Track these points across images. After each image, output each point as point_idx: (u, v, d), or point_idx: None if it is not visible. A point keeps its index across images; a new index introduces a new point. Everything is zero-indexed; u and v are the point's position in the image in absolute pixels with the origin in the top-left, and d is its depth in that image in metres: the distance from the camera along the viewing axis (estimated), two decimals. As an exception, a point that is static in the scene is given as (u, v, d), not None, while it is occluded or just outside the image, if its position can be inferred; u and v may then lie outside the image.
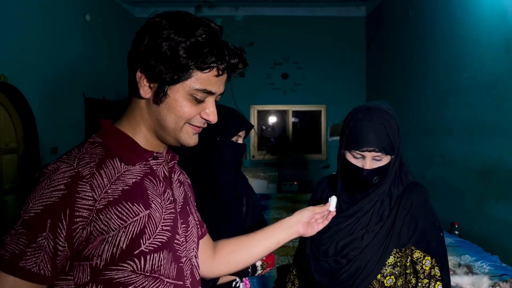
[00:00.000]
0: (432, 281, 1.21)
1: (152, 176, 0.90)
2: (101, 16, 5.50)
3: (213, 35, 0.86)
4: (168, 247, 0.88)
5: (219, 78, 0.88)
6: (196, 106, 0.88)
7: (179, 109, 0.87)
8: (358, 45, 7.02)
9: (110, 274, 0.80)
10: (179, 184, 1.01)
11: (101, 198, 0.80)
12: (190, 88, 0.86)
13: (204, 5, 6.64)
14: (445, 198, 4.03)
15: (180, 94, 0.86)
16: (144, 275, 0.83)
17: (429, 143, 4.49)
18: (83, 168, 0.80)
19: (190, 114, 0.88)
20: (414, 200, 1.25)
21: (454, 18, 4.01)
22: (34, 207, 0.77)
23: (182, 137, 0.90)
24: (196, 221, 1.05)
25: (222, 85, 0.90)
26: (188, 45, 0.83)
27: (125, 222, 0.81)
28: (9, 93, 3.69)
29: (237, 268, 1.18)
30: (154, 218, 0.86)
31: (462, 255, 2.81)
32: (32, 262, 0.75)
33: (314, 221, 1.20)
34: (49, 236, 0.76)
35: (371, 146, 1.21)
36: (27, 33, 3.80)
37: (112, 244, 0.80)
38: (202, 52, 0.83)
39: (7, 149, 3.76)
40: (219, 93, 0.91)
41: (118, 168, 0.85)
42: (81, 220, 0.78)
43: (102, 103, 5.41)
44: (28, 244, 0.75)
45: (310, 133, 7.29)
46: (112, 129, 0.91)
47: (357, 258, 1.23)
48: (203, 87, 0.86)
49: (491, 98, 3.34)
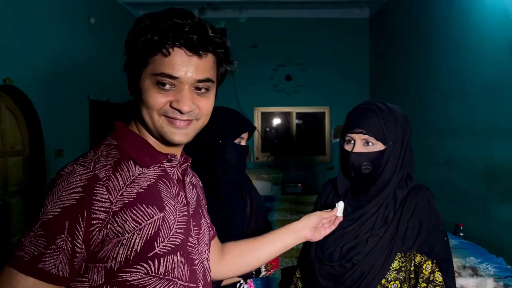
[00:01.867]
0: (430, 286, 1.18)
1: (166, 179, 0.90)
2: (105, 19, 5.53)
3: (161, 17, 0.82)
4: (181, 249, 0.88)
5: (179, 60, 0.82)
6: (162, 94, 0.84)
7: (146, 99, 0.84)
8: (362, 47, 7.01)
9: (125, 276, 0.81)
10: (192, 187, 1.02)
11: (117, 200, 0.80)
12: (150, 74, 0.83)
13: (208, 8, 6.66)
14: (450, 200, 4.01)
15: (146, 84, 0.84)
16: (158, 277, 0.84)
17: (434, 145, 4.48)
18: (99, 170, 0.81)
19: (157, 103, 0.84)
20: (418, 203, 1.24)
21: (457, 19, 4.00)
22: (53, 209, 0.77)
23: (163, 132, 0.87)
24: (208, 223, 1.05)
25: (188, 68, 0.83)
26: (137, 32, 0.83)
27: (140, 225, 0.82)
28: (15, 96, 3.71)
29: (244, 271, 1.19)
30: (168, 220, 0.86)
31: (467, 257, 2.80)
32: (51, 264, 0.76)
33: (321, 226, 1.20)
34: (67, 238, 0.77)
35: (359, 128, 1.24)
36: (32, 36, 3.82)
37: (126, 247, 0.80)
38: (147, 35, 0.82)
39: (12, 152, 3.78)
40: (186, 78, 0.83)
41: (133, 170, 0.85)
42: (98, 222, 0.78)
43: (107, 106, 5.44)
44: (47, 246, 0.76)
45: (314, 134, 7.29)
46: (126, 131, 0.91)
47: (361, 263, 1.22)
48: (160, 71, 0.82)
49: (496, 99, 3.33)
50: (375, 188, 1.28)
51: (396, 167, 1.27)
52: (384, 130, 1.24)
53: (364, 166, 1.25)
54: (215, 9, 6.70)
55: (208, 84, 0.87)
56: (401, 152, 1.27)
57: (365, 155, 1.25)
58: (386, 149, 1.25)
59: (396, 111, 1.29)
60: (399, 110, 1.30)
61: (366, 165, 1.25)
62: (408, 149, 1.29)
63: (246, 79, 6.87)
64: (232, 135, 1.45)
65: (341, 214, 1.20)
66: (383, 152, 1.25)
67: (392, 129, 1.25)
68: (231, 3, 6.46)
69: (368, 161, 1.25)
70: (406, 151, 1.28)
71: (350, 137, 1.28)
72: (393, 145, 1.26)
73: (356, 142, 1.26)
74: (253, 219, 1.58)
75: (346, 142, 1.30)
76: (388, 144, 1.25)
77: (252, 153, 7.07)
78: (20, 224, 3.83)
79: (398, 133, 1.26)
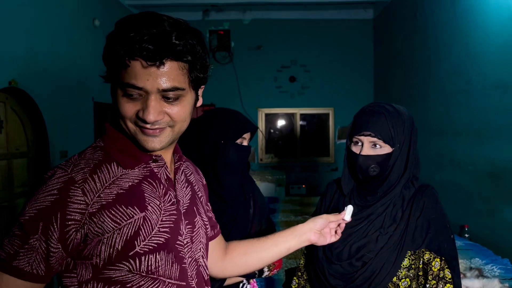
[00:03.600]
0: (441, 283, 1.20)
1: (151, 179, 0.91)
2: (110, 21, 5.54)
3: (127, 26, 0.81)
4: (166, 248, 0.89)
5: (139, 70, 0.80)
6: (131, 103, 0.84)
7: (118, 107, 0.86)
8: (366, 48, 7.00)
9: (109, 273, 0.84)
10: (186, 185, 1.02)
11: (93, 202, 0.83)
12: (118, 84, 0.84)
13: (212, 9, 6.67)
14: (455, 201, 3.99)
15: (117, 93, 0.85)
16: (140, 275, 0.85)
17: (438, 146, 4.46)
18: (76, 173, 0.84)
19: (126, 112, 0.84)
20: (426, 201, 1.26)
21: (462, 20, 3.99)
22: (29, 211, 0.81)
23: (138, 139, 0.87)
24: (204, 221, 1.05)
25: (149, 78, 0.80)
26: (107, 43, 0.85)
27: (119, 225, 0.84)
28: (20, 97, 3.74)
29: (246, 271, 1.20)
30: (150, 220, 0.87)
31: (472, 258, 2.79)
32: (25, 262, 0.80)
33: (328, 231, 1.20)
34: (41, 238, 0.80)
35: (368, 130, 1.25)
36: (37, 38, 3.85)
37: (108, 245, 0.83)
38: (112, 46, 0.83)
39: (17, 153, 3.81)
40: (150, 88, 0.81)
41: (115, 172, 0.87)
42: (74, 223, 0.81)
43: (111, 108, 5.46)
44: (21, 245, 0.80)
45: (318, 136, 7.28)
46: (112, 133, 0.93)
47: (372, 261, 1.23)
48: (125, 81, 0.82)
49: (500, 100, 3.31)
50: (382, 189, 1.29)
51: (403, 169, 1.28)
52: (392, 133, 1.25)
53: (372, 169, 1.26)
54: (219, 10, 6.71)
55: (176, 93, 0.84)
56: (408, 155, 1.28)
57: (373, 158, 1.26)
58: (393, 151, 1.26)
59: (404, 114, 1.29)
60: (406, 112, 1.31)
61: (374, 168, 1.26)
62: (414, 151, 1.30)
63: (250, 81, 6.88)
64: (234, 136, 1.45)
65: (349, 219, 1.19)
66: (390, 155, 1.26)
67: (399, 132, 1.26)
68: (235, 4, 6.47)
69: (376, 163, 1.26)
70: (412, 153, 1.29)
71: (358, 139, 1.28)
72: (400, 147, 1.27)
73: (364, 144, 1.27)
74: (256, 219, 1.58)
75: (354, 143, 1.30)
76: (395, 147, 1.26)
77: (256, 154, 7.07)
78: (25, 225, 3.85)
79: (405, 136, 1.27)
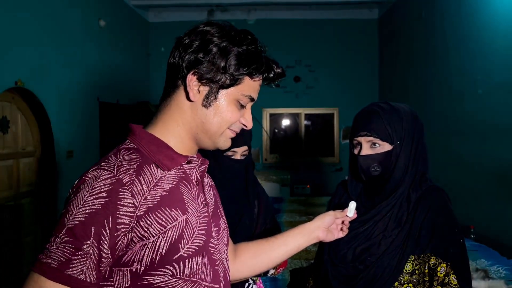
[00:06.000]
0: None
1: (186, 181, 0.91)
2: (115, 21, 5.58)
3: (259, 46, 0.93)
4: (204, 250, 0.89)
5: (258, 87, 0.95)
6: (239, 111, 0.93)
7: (226, 113, 0.91)
8: (371, 48, 6.98)
9: (150, 279, 0.82)
10: (209, 188, 1.03)
11: (141, 204, 0.81)
12: (239, 93, 0.91)
13: (217, 9, 6.68)
14: (460, 201, 3.97)
15: (228, 99, 0.91)
16: (183, 279, 0.85)
17: (444, 146, 4.44)
18: (123, 175, 0.81)
19: (235, 119, 0.93)
20: (431, 204, 1.22)
21: (467, 19, 3.97)
22: (78, 215, 0.78)
23: (221, 140, 0.94)
24: (226, 224, 1.06)
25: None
26: (240, 52, 0.89)
27: (164, 228, 0.82)
28: (26, 97, 3.76)
29: (257, 272, 1.19)
30: (191, 222, 0.87)
31: (478, 259, 2.77)
32: (79, 270, 0.76)
33: (335, 227, 1.21)
34: (94, 243, 0.77)
35: (364, 130, 1.25)
36: (42, 39, 3.87)
37: (152, 250, 0.81)
38: (255, 60, 0.90)
39: (24, 153, 3.83)
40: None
41: (155, 174, 0.86)
42: (123, 227, 0.79)
43: (116, 107, 5.48)
44: (74, 252, 0.76)
45: (323, 136, 7.27)
46: (145, 134, 0.91)
47: (374, 265, 1.21)
48: (249, 94, 0.92)
49: (506, 100, 3.29)
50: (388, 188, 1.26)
51: (408, 166, 1.26)
52: (389, 130, 1.23)
53: (373, 168, 1.25)
54: (223, 11, 6.72)
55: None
56: (411, 150, 1.26)
57: (372, 157, 1.25)
58: (393, 148, 1.24)
59: (402, 109, 1.27)
60: (405, 108, 1.29)
61: (375, 167, 1.25)
62: (420, 146, 1.28)
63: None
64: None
65: (351, 215, 1.20)
66: (391, 152, 1.24)
67: (397, 128, 1.24)
68: (239, 5, 6.48)
69: (377, 162, 1.24)
70: (417, 149, 1.27)
71: (356, 141, 1.29)
72: (401, 143, 1.25)
73: (363, 145, 1.26)
74: (261, 219, 1.58)
75: (354, 146, 1.30)
76: (395, 143, 1.24)
77: (260, 154, 7.07)
78: (31, 225, 3.87)
79: (406, 131, 1.25)
